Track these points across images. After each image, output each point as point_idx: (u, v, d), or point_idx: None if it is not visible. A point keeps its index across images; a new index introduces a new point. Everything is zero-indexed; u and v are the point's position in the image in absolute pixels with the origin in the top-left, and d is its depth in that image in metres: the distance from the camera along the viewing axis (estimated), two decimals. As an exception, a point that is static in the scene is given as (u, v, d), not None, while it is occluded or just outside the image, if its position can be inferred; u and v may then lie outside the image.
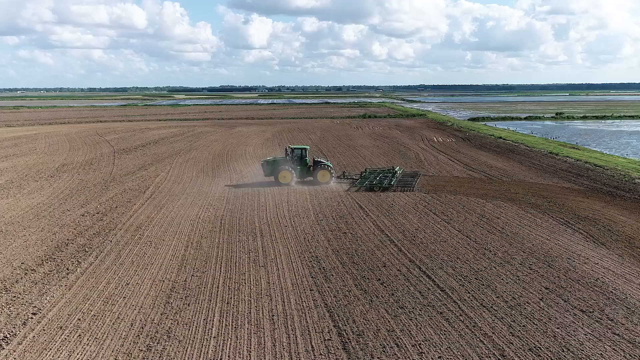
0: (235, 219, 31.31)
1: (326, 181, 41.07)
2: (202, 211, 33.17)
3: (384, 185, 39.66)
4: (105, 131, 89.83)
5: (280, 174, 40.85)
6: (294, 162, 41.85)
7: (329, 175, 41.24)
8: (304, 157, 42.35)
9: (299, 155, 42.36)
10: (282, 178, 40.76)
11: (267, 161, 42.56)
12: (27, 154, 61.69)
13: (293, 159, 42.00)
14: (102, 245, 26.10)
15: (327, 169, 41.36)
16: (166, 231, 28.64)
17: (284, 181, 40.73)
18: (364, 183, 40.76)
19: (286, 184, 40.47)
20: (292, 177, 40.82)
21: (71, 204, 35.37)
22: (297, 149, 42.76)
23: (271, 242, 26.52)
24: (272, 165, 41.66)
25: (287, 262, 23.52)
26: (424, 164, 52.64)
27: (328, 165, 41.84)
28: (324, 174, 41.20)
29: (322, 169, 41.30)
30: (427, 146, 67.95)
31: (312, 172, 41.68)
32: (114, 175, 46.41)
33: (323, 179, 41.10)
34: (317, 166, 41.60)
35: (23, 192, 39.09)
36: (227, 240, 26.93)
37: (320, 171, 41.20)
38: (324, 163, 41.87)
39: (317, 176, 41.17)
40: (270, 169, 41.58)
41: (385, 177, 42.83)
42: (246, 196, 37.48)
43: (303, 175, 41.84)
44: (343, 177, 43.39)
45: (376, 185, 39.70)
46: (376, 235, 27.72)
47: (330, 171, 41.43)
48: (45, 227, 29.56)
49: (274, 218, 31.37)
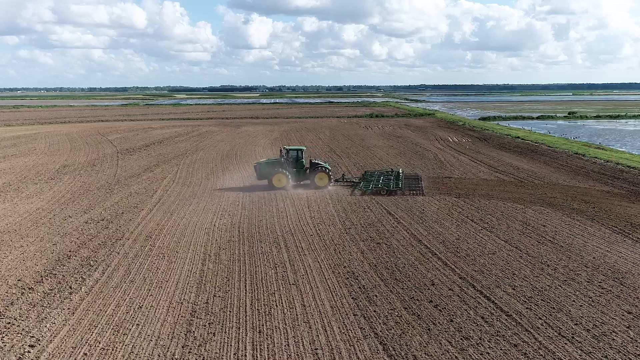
0: (254, 226, 28.42)
1: (324, 185, 37.97)
2: (216, 218, 30.29)
3: (392, 188, 36.81)
4: (107, 131, 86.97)
5: (275, 177, 37.70)
6: (290, 164, 38.66)
7: (327, 179, 38.19)
8: (300, 158, 39.10)
9: (294, 157, 39.09)
10: (277, 181, 37.64)
11: (260, 163, 39.27)
12: (26, 154, 58.80)
13: (288, 161, 38.78)
14: (108, 258, 23.20)
15: (325, 172, 38.23)
16: (179, 241, 25.75)
17: (278, 185, 37.56)
18: (368, 186, 37.83)
19: (281, 188, 37.31)
20: (288, 181, 37.67)
21: (73, 209, 32.48)
22: (292, 150, 39.42)
23: (298, 255, 23.62)
24: (266, 167, 38.45)
25: (320, 279, 20.62)
26: (446, 165, 49.75)
27: (326, 167, 38.71)
28: (322, 177, 38.12)
29: (320, 171, 38.16)
30: (443, 146, 65.07)
31: (309, 175, 38.55)
32: (119, 178, 43.52)
33: (321, 182, 38.02)
34: (314, 169, 38.46)
35: (21, 196, 36.20)
36: (249, 252, 24.03)
37: (318, 174, 38.10)
38: (321, 165, 38.70)
39: (315, 179, 38.06)
40: (263, 171, 38.34)
41: (388, 179, 39.94)
42: (262, 201, 34.59)
43: (299, 179, 38.67)
44: (342, 180, 40.32)
45: (382, 188, 36.84)
46: (414, 246, 24.83)
47: (329, 174, 38.39)
48: (44, 236, 26.67)
49: (296, 225, 28.49)
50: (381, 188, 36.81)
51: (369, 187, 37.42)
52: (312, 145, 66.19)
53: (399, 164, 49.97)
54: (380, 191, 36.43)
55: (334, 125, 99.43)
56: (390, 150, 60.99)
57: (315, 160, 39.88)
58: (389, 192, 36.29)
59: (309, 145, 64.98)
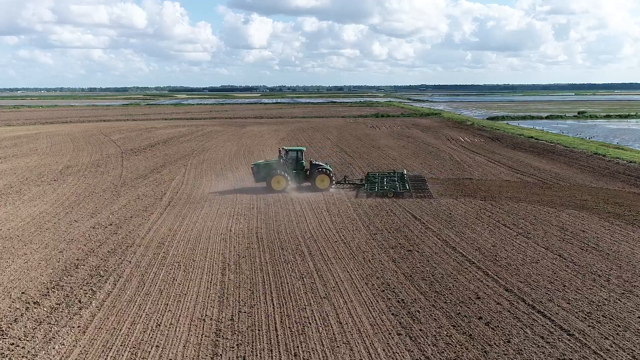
0: (273, 232, 26.61)
1: (326, 187, 36.12)
2: (232, 222, 28.48)
3: (399, 190, 35.13)
4: (110, 130, 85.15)
5: (274, 179, 35.82)
6: (289, 165, 36.74)
7: (329, 180, 36.32)
8: (300, 160, 37.12)
9: (294, 158, 37.08)
10: (276, 184, 35.79)
11: (257, 165, 37.13)
12: (27, 154, 56.98)
13: (288, 162, 36.83)
14: (119, 268, 21.38)
15: (327, 173, 36.32)
16: (195, 248, 23.93)
17: (277, 187, 35.70)
18: (373, 188, 36.09)
19: (280, 191, 35.53)
20: (287, 183, 35.88)
21: (79, 213, 30.66)
22: (292, 151, 37.38)
23: (325, 264, 21.80)
24: (264, 169, 36.44)
25: (353, 292, 18.80)
26: (464, 166, 47.93)
27: (327, 169, 36.74)
28: (323, 179, 36.23)
29: (320, 173, 36.22)
30: (456, 146, 63.25)
31: (309, 176, 36.67)
32: (125, 179, 41.70)
33: (322, 184, 36.15)
34: (315, 170, 36.52)
35: (23, 199, 34.39)
36: (271, 261, 22.21)
37: (319, 176, 36.18)
38: (322, 167, 36.74)
39: (316, 181, 36.17)
40: (261, 173, 36.36)
41: (393, 180, 38.20)
42: (278, 204, 32.78)
43: (299, 181, 36.80)
44: (344, 182, 38.19)
45: (389, 190, 35.15)
46: (448, 253, 23.03)
47: (331, 176, 36.45)
48: (49, 242, 24.85)
49: (318, 231, 26.69)
50: (388, 190, 35.14)
51: (375, 189, 35.70)
52: (321, 145, 64.41)
53: (414, 165, 48.18)
54: (386, 193, 34.75)
55: (340, 125, 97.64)
56: (402, 151, 59.17)
57: (315, 162, 37.87)
58: (395, 194, 34.58)
59: (317, 146, 63.23)
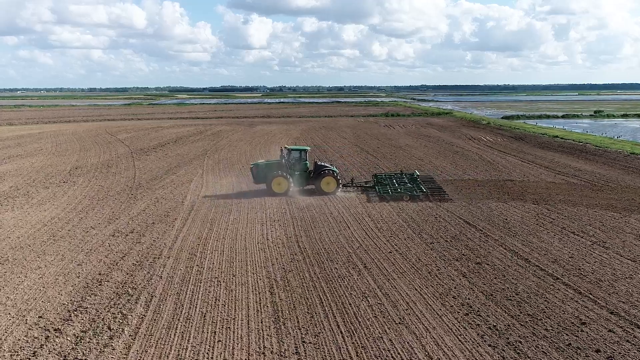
0: (315, 240, 23.70)
1: (331, 190, 33.24)
2: (266, 229, 25.57)
3: (415, 193, 32.34)
4: (116, 130, 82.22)
5: (275, 180, 32.96)
6: (292, 166, 33.92)
7: (335, 183, 33.40)
8: (303, 160, 34.29)
9: (297, 158, 34.26)
10: (277, 186, 32.94)
11: (257, 165, 34.30)
12: (32, 154, 54.02)
13: (290, 163, 34.01)
14: (150, 285, 18.46)
15: (333, 175, 33.42)
16: (232, 261, 21.01)
17: (278, 190, 32.86)
18: (386, 190, 33.18)
19: (282, 194, 32.66)
20: (289, 185, 33.01)
21: (95, 218, 27.74)
22: (295, 150, 34.61)
23: (387, 280, 18.88)
24: (265, 169, 33.64)
25: (432, 316, 15.88)
26: (497, 166, 45.03)
27: (333, 170, 33.86)
28: (329, 182, 33.31)
29: (326, 175, 33.33)
30: (481, 145, 60.35)
31: (313, 178, 33.82)
32: (139, 181, 38.77)
33: (328, 187, 33.27)
34: (319, 171, 33.65)
35: (32, 202, 31.46)
36: (323, 276, 19.29)
37: (325, 178, 33.29)
38: (328, 168, 33.90)
39: (321, 184, 33.30)
40: (261, 174, 33.58)
41: (402, 182, 35.42)
42: (312, 208, 29.89)
43: (303, 183, 33.98)
44: (351, 185, 35.27)
45: (405, 193, 32.36)
46: (523, 266, 20.13)
47: (337, 178, 33.54)
48: (65, 253, 21.92)
49: (365, 239, 23.78)
50: (403, 193, 32.29)
51: (388, 192, 32.81)
52: (339, 145, 61.56)
53: (445, 166, 45.31)
54: (402, 197, 31.93)
55: (351, 124, 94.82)
56: (427, 150, 56.26)
57: (320, 162, 34.86)
58: (412, 197, 31.85)
59: (335, 145, 60.38)
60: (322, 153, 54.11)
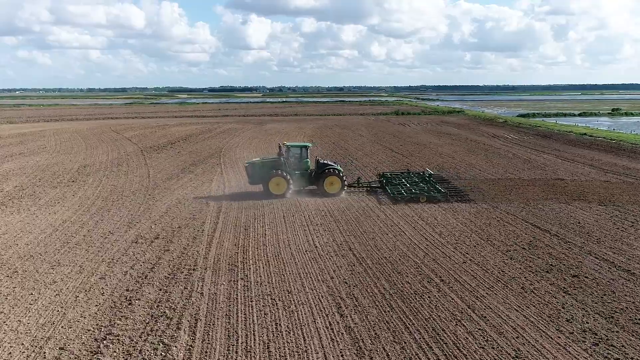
0: (371, 247, 20.51)
1: (336, 191, 29.92)
2: (310, 234, 22.37)
3: (434, 194, 29.08)
4: (121, 128, 78.97)
5: (272, 180, 29.52)
6: (291, 164, 30.51)
7: (340, 183, 30.02)
8: (304, 158, 30.88)
9: (297, 156, 30.89)
10: (274, 187, 29.50)
11: (252, 163, 30.82)
12: (36, 152, 50.76)
13: (289, 161, 30.59)
14: (190, 303, 15.24)
15: (337, 175, 30.08)
16: (282, 273, 17.81)
17: (276, 191, 29.44)
18: (399, 191, 29.88)
19: (279, 196, 29.21)
20: (288, 186, 29.56)
21: (111, 222, 24.51)
22: (295, 147, 31.28)
23: (474, 297, 15.70)
24: (261, 169, 30.15)
25: (553, 347, 12.74)
26: (536, 164, 41.87)
27: (338, 169, 30.48)
28: (333, 182, 29.98)
29: (330, 174, 29.98)
30: (509, 143, 57.16)
31: (315, 178, 30.45)
32: (155, 180, 35.56)
33: (332, 188, 29.95)
34: (322, 170, 30.24)
35: (39, 204, 28.24)
36: (395, 292, 16.09)
37: (329, 177, 29.95)
38: (331, 166, 30.49)
39: (324, 184, 29.95)
40: (257, 174, 30.13)
41: (414, 182, 32.33)
42: (354, 210, 26.73)
43: (303, 183, 30.70)
44: (358, 185, 32.04)
45: (422, 194, 29.04)
46: (629, 279, 17.01)
47: (342, 177, 30.20)
48: (84, 263, 18.70)
49: (429, 247, 20.59)
50: (420, 194, 28.96)
51: (402, 193, 29.52)
52: (359, 142, 58.49)
53: (481, 164, 42.18)
54: (419, 198, 28.65)
55: (364, 122, 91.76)
56: (454, 148, 53.07)
57: (323, 160, 31.50)
58: (429, 198, 28.64)
59: (356, 144, 57.31)
60: (344, 151, 51.04)
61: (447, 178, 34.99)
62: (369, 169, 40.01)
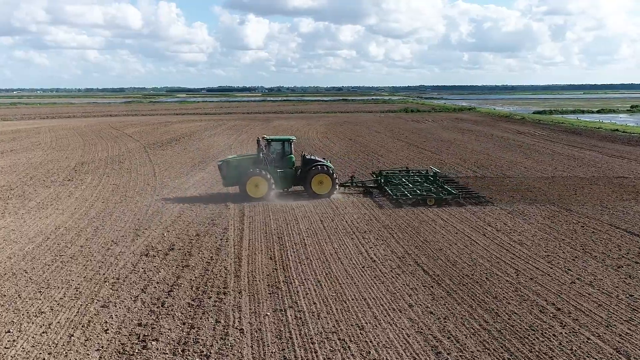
0: (442, 260, 16.30)
1: (325, 192, 25.49)
2: (360, 243, 18.16)
3: (444, 196, 24.68)
4: (121, 125, 74.68)
5: (250, 181, 25.01)
6: (272, 161, 26.00)
7: (330, 183, 25.58)
8: (287, 154, 26.37)
9: (279, 151, 26.39)
10: (253, 188, 25.00)
11: (226, 162, 26.37)
12: (29, 149, 46.46)
13: (270, 158, 26.04)
14: (227, 346, 11.02)
15: (327, 172, 25.65)
16: (342, 297, 13.57)
17: (255, 193, 24.94)
18: (403, 192, 25.41)
19: (259, 199, 24.74)
20: (269, 187, 25.03)
21: (115, 228, 20.24)
22: (276, 141, 26.73)
23: (612, 333, 11.50)
24: (237, 167, 25.73)
25: None
26: (583, 161, 37.76)
27: (327, 165, 26.05)
28: (322, 180, 25.55)
29: (318, 172, 25.55)
30: (540, 139, 52.99)
31: (301, 177, 26.04)
32: (162, 179, 31.35)
33: (320, 188, 25.52)
34: (309, 168, 25.83)
35: (29, 206, 23.96)
36: (504, 328, 11.91)
37: (317, 176, 25.52)
38: (320, 162, 26.09)
39: (311, 184, 25.52)
40: (232, 173, 25.71)
41: (416, 181, 28.03)
42: (403, 213, 22.49)
43: (287, 183, 26.21)
44: (352, 185, 27.72)
45: (430, 196, 24.47)
46: None
47: (333, 176, 25.74)
48: (81, 284, 14.45)
49: (514, 259, 16.41)
50: (428, 196, 24.52)
51: (406, 194, 25.03)
52: (379, 139, 54.41)
53: (521, 161, 38.14)
54: (426, 200, 24.24)
55: (375, 119, 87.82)
56: (484, 144, 48.93)
57: (310, 156, 26.93)
58: (437, 200, 24.26)
59: (374, 140, 53.25)
60: (364, 147, 47.03)
61: (454, 177, 30.41)
62: (397, 165, 35.84)
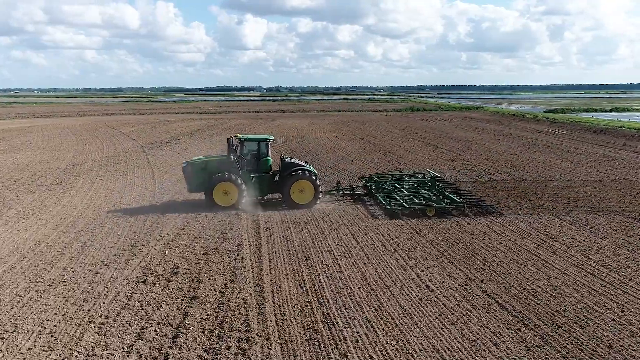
0: (518, 291, 13.01)
1: (307, 201, 21.96)
2: (409, 267, 14.78)
3: (447, 205, 21.00)
4: (117, 124, 71.23)
5: (217, 187, 21.52)
6: (245, 164, 22.44)
7: (313, 190, 22.02)
8: (263, 156, 22.71)
9: (254, 153, 22.75)
10: (221, 196, 21.53)
11: (192, 164, 22.65)
12: (17, 149, 43.03)
13: (243, 160, 22.42)
14: None
15: (310, 178, 22.10)
16: (404, 344, 10.26)
17: (223, 202, 21.49)
18: (396, 200, 21.93)
19: (228, 208, 21.29)
20: (241, 194, 21.56)
21: (106, 244, 16.84)
22: (251, 141, 22.96)
23: None
24: (203, 171, 22.18)
25: None
26: (624, 162, 34.52)
27: (310, 170, 22.52)
28: (304, 188, 22.01)
29: (299, 177, 22.00)
30: (563, 139, 49.66)
31: (279, 183, 22.48)
32: (162, 183, 27.95)
33: (301, 196, 21.99)
34: (289, 173, 22.28)
35: (7, 216, 20.57)
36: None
37: (297, 182, 21.97)
38: (301, 166, 22.51)
39: (290, 191, 21.96)
40: (197, 177, 22.18)
41: (412, 188, 24.46)
42: (446, 223, 19.09)
43: (263, 190, 22.56)
44: (337, 192, 24.30)
45: (431, 206, 20.77)
46: None
47: (316, 182, 22.17)
48: (58, 325, 11.10)
49: (612, 291, 13.22)
50: (428, 206, 20.84)
51: (401, 203, 21.41)
52: (393, 139, 50.96)
53: (555, 162, 34.89)
54: (425, 211, 20.62)
55: (382, 118, 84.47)
56: (507, 144, 45.61)
57: (290, 159, 23.45)
58: (438, 210, 20.75)
59: (388, 139, 49.90)
60: (378, 147, 43.72)
61: (452, 182, 26.88)
62: (421, 168, 32.52)
